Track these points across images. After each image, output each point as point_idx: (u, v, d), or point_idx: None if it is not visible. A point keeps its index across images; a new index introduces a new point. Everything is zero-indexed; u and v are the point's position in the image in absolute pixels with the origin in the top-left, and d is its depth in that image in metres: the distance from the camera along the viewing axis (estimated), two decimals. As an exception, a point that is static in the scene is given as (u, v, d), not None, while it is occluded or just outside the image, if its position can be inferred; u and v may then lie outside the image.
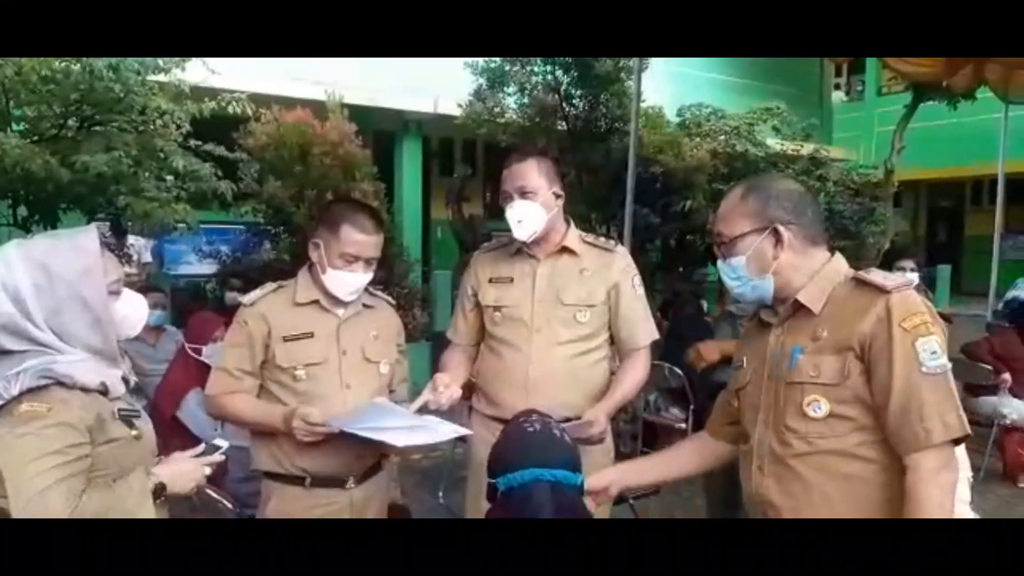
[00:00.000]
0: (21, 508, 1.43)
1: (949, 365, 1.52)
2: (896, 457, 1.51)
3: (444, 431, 2.10)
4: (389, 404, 2.19)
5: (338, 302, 2.22)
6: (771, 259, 1.65)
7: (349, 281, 2.17)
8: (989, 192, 14.98)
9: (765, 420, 1.68)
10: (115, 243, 5.82)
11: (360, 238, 2.15)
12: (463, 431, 2.18)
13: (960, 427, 1.48)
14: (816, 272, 1.65)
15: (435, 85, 8.27)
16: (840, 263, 1.69)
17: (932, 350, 1.49)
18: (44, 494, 1.43)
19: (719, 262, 1.75)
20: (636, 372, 2.41)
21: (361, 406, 2.14)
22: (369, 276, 2.21)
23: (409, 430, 2.05)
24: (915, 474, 1.47)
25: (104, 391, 1.56)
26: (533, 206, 2.29)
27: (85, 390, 1.52)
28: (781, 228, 1.63)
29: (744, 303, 1.80)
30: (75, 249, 1.57)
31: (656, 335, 2.50)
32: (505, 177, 2.34)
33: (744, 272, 1.68)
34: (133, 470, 1.59)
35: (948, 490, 1.47)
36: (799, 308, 1.65)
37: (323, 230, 2.18)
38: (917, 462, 1.47)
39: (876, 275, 1.60)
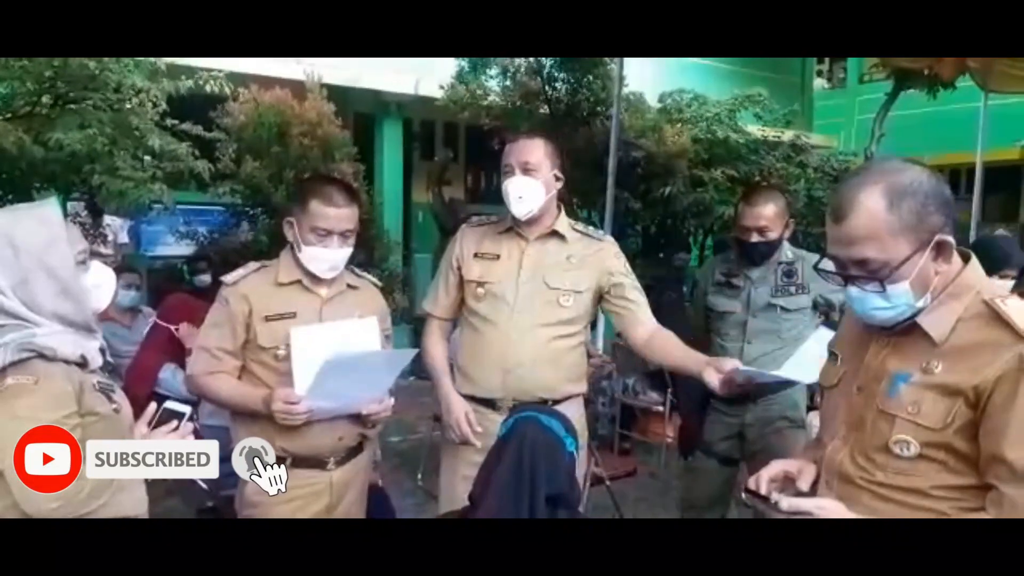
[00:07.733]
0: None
1: None
2: (979, 500, 1.31)
3: (397, 359, 2.18)
4: (341, 358, 1.99)
5: (320, 282, 2.21)
6: (933, 275, 1.36)
7: (324, 257, 2.15)
8: (967, 181, 15.12)
9: (844, 436, 1.47)
10: (91, 223, 5.73)
11: (329, 211, 2.12)
12: (411, 352, 2.25)
13: None
14: (947, 285, 1.37)
15: (416, 66, 8.19)
16: (975, 275, 1.40)
17: None
18: None
19: (852, 290, 1.40)
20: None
21: (322, 370, 1.98)
22: (347, 251, 2.17)
23: (371, 384, 2.13)
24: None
25: (83, 363, 1.56)
26: (535, 183, 2.30)
27: (66, 362, 1.52)
28: (946, 239, 1.34)
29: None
30: (38, 220, 1.58)
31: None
32: (509, 151, 2.34)
33: (907, 300, 1.36)
34: None
35: None
36: (915, 328, 1.39)
37: (295, 208, 2.18)
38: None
39: (1017, 313, 1.30)
